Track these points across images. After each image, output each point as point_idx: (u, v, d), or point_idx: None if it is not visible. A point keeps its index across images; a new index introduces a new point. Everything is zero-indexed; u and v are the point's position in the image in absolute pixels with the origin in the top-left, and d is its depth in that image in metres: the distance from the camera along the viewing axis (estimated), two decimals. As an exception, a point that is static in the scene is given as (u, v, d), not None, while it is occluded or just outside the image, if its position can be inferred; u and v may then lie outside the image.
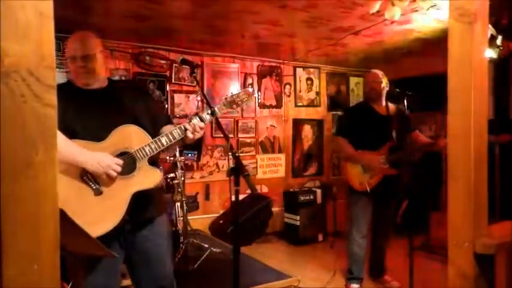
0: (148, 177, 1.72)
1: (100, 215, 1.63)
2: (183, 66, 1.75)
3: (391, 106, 3.24)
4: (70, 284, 2.29)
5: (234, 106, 1.88)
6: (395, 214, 4.70)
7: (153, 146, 1.72)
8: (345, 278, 3.41)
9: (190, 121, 1.75)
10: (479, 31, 1.19)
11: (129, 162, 1.70)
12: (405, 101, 2.92)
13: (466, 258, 1.26)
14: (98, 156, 1.64)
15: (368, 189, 3.09)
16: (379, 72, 3.24)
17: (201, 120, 1.75)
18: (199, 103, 4.62)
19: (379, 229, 3.36)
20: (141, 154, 1.71)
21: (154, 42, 4.32)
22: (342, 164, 3.46)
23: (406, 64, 5.16)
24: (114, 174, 1.65)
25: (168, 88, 4.54)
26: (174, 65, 4.53)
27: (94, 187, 1.65)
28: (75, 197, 1.63)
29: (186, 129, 1.74)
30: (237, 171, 1.43)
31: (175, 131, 1.76)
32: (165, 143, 1.74)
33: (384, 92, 3.20)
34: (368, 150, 3.13)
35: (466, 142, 1.21)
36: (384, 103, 3.23)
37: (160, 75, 4.52)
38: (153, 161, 1.78)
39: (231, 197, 1.35)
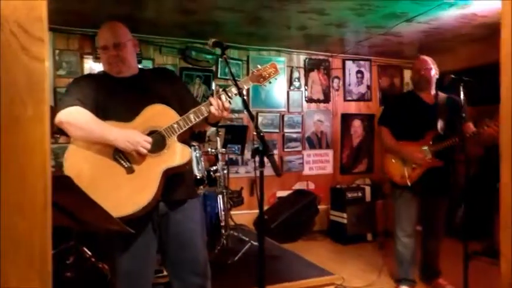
0: (178, 154, 1.70)
1: (132, 193, 1.64)
2: (215, 48, 1.69)
3: (441, 95, 2.99)
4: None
5: (261, 80, 1.82)
6: (453, 215, 4.35)
7: (181, 123, 1.71)
8: (393, 279, 3.21)
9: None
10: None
11: (158, 140, 1.70)
12: (461, 88, 2.62)
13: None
14: (127, 134, 1.65)
15: (409, 183, 2.86)
16: (429, 59, 3.01)
17: (228, 95, 1.70)
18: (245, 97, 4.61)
19: (428, 229, 3.11)
20: (170, 131, 1.70)
21: (200, 37, 4.36)
22: (383, 155, 3.20)
23: (468, 53, 4.76)
24: (144, 151, 1.65)
25: (214, 83, 4.58)
26: (220, 60, 4.56)
27: (126, 165, 1.67)
28: (108, 175, 1.66)
29: (211, 104, 1.70)
30: (262, 152, 1.36)
31: (202, 107, 1.74)
32: (193, 119, 1.72)
33: (434, 80, 2.97)
34: (410, 141, 2.91)
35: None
36: (433, 92, 3.00)
37: (207, 70, 4.57)
38: (184, 141, 1.76)
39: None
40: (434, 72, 2.97)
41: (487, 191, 3.87)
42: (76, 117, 1.68)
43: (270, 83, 1.84)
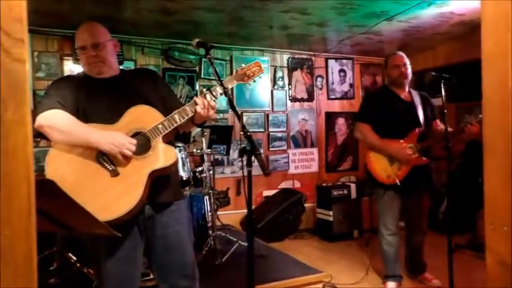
0: (163, 156, 1.67)
1: (117, 196, 1.60)
2: (199, 48, 1.67)
3: (413, 92, 3.03)
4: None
5: (246, 78, 1.80)
6: (436, 210, 4.44)
7: (166, 124, 1.68)
8: (380, 275, 3.25)
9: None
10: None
11: (143, 142, 1.67)
12: (442, 85, 2.65)
13: (505, 244, 1.10)
14: (111, 135, 1.61)
15: (398, 181, 2.86)
16: (404, 55, 3.04)
17: (212, 94, 1.69)
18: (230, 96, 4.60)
19: (412, 225, 3.15)
20: (154, 132, 1.67)
21: (183, 37, 4.33)
22: (365, 153, 3.12)
23: (446, 51, 4.86)
24: (129, 153, 1.62)
25: (197, 83, 4.56)
26: (204, 60, 4.53)
27: (110, 168, 1.63)
28: (92, 179, 1.62)
29: (196, 104, 1.68)
30: (250, 151, 1.36)
31: (187, 107, 1.71)
32: (178, 120, 1.69)
33: (410, 77, 3.00)
34: (394, 139, 2.92)
35: (504, 112, 1.05)
36: (407, 89, 3.03)
37: (190, 70, 4.54)
38: (168, 142, 1.74)
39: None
40: (410, 70, 3.01)
41: (470, 186, 3.97)
42: (57, 120, 1.64)
43: (254, 81, 1.83)
